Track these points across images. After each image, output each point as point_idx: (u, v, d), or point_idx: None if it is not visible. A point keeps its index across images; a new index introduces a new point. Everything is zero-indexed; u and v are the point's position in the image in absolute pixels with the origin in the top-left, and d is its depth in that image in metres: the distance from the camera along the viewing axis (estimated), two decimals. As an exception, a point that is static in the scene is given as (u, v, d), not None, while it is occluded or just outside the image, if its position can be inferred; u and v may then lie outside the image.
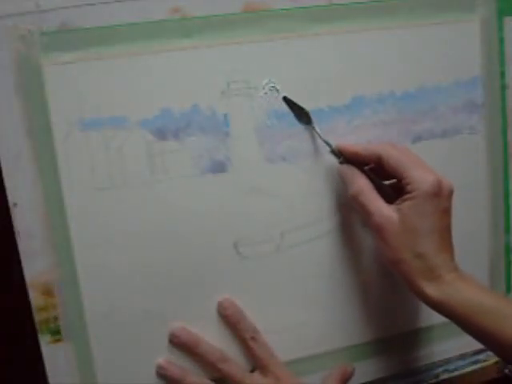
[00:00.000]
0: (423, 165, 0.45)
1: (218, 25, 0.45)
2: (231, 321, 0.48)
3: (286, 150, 0.48)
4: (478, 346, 0.56)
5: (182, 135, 0.45)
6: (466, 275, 0.45)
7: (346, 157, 0.47)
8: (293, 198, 0.49)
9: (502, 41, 0.53)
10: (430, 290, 0.44)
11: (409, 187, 0.44)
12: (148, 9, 0.43)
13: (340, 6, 0.47)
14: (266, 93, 0.47)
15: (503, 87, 0.54)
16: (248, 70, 0.46)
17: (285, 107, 0.47)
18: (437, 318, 0.54)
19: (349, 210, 0.50)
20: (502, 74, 0.54)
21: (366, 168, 0.47)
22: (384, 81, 0.50)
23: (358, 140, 0.49)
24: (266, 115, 0.47)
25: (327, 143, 0.47)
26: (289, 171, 0.48)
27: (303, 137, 0.48)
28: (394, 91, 0.50)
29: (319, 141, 0.48)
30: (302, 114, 0.47)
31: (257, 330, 0.48)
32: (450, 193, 0.45)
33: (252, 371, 0.49)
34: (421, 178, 0.44)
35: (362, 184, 0.46)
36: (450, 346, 0.56)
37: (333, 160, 0.49)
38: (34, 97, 0.42)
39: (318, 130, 0.47)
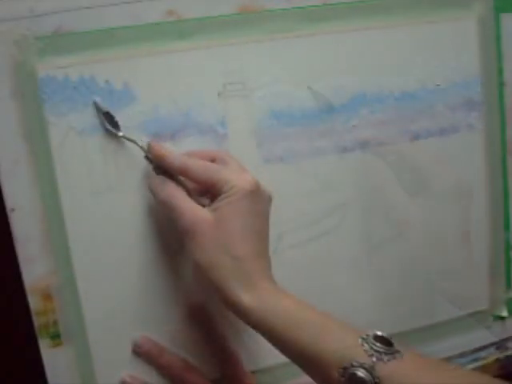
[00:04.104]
0: (236, 165, 0.43)
1: (214, 26, 0.45)
2: (151, 356, 0.46)
3: (284, 151, 0.48)
4: (479, 344, 0.57)
5: (178, 137, 0.45)
6: (281, 288, 0.41)
7: (155, 161, 0.43)
8: (291, 199, 0.49)
9: (499, 38, 0.53)
10: (247, 297, 0.39)
11: (225, 188, 0.41)
12: (143, 11, 0.43)
13: (334, 5, 0.47)
14: (262, 94, 0.47)
15: (501, 84, 0.54)
16: (244, 70, 0.46)
17: (283, 107, 0.47)
18: (437, 318, 0.55)
19: (347, 211, 0.50)
20: (500, 72, 0.53)
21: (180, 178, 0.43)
22: (382, 80, 0.50)
23: (356, 139, 0.49)
24: (263, 116, 0.47)
25: (142, 148, 0.43)
26: (287, 172, 0.48)
27: (301, 137, 0.48)
28: (393, 90, 0.50)
29: (319, 141, 0.48)
30: (110, 121, 0.43)
31: (185, 361, 0.47)
32: (269, 198, 0.43)
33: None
34: (237, 176, 0.41)
35: (172, 189, 0.42)
36: (451, 345, 0.56)
37: (332, 160, 0.48)
38: (29, 101, 0.41)
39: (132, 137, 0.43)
